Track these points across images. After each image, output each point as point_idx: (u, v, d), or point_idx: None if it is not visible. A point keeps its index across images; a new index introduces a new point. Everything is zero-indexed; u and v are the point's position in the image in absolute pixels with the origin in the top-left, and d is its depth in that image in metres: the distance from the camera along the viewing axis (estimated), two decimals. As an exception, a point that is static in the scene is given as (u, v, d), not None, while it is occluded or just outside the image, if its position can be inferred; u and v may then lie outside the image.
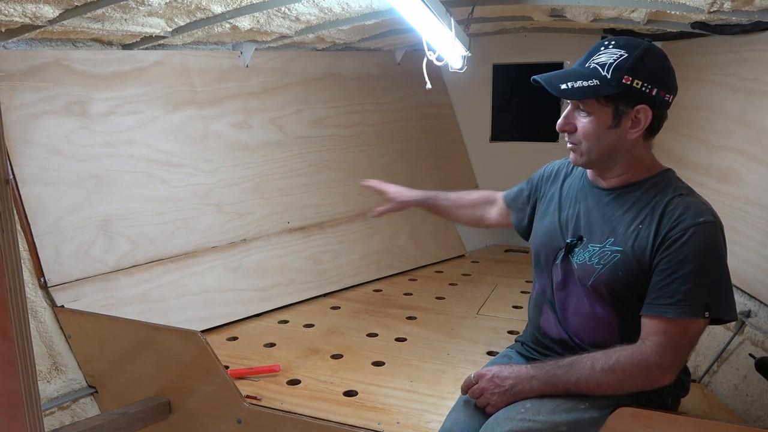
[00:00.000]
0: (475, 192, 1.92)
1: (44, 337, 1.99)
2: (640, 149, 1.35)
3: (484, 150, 3.79)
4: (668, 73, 1.32)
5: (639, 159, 1.36)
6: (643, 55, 1.27)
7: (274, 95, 2.89)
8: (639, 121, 1.29)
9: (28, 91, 2.07)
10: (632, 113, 1.29)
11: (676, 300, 1.24)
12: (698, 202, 1.30)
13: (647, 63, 1.28)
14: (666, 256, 1.26)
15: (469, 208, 1.88)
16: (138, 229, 2.31)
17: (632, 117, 1.29)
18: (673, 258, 1.25)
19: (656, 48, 1.32)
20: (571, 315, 1.43)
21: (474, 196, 1.89)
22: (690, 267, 1.24)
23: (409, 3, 1.70)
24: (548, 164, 1.65)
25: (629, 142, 1.32)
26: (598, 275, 1.34)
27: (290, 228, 2.86)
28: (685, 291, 1.24)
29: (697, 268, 1.23)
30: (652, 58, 1.29)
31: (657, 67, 1.29)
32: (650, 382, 1.27)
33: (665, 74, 1.31)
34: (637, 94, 1.27)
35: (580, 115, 1.33)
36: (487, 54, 3.56)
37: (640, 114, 1.29)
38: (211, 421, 1.81)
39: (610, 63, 1.27)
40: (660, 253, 1.27)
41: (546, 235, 1.49)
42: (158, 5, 1.87)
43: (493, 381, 1.34)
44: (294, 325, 2.53)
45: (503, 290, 2.94)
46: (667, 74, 1.31)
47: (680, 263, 1.24)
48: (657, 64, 1.30)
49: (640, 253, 1.30)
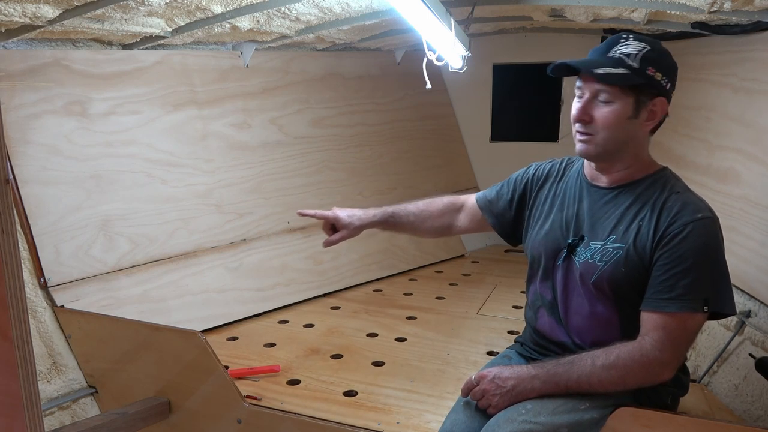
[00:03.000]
0: (437, 200, 1.78)
1: (44, 337, 1.99)
2: (645, 145, 1.38)
3: (484, 150, 3.79)
4: (677, 71, 1.36)
5: (642, 155, 1.39)
6: (663, 50, 1.32)
7: (274, 95, 2.89)
8: (655, 113, 1.33)
9: (28, 91, 2.07)
10: (650, 105, 1.31)
11: (676, 294, 1.25)
12: (695, 199, 1.32)
13: (667, 58, 1.32)
14: (665, 252, 1.28)
15: (435, 219, 1.76)
16: (138, 229, 2.31)
17: (649, 109, 1.32)
18: (673, 253, 1.27)
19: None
20: (572, 315, 1.43)
21: (438, 205, 1.77)
22: (689, 262, 1.25)
23: (409, 3, 1.70)
24: (534, 165, 1.63)
25: (642, 135, 1.35)
26: (600, 272, 1.35)
27: (290, 228, 2.86)
28: (685, 285, 1.25)
29: (696, 263, 1.25)
30: (668, 54, 1.33)
31: (672, 63, 1.34)
32: (651, 378, 1.28)
33: (675, 71, 1.35)
34: (657, 86, 1.30)
35: (600, 105, 1.32)
36: (487, 54, 3.56)
37: (657, 106, 1.32)
38: (211, 421, 1.81)
39: (635, 54, 1.29)
40: (659, 249, 1.29)
41: (546, 237, 1.48)
42: (158, 5, 1.87)
43: (494, 382, 1.34)
44: (294, 325, 2.53)
45: (503, 290, 2.94)
46: (676, 71, 1.35)
47: (679, 258, 1.26)
48: (671, 60, 1.34)
49: (642, 249, 1.31)
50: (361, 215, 1.74)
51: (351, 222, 1.73)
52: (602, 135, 1.33)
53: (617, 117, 1.31)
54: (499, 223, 1.66)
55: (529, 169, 1.63)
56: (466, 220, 1.75)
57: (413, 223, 1.76)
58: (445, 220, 1.77)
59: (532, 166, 1.63)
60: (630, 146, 1.35)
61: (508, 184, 1.66)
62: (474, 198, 1.74)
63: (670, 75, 1.32)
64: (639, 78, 1.28)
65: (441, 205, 1.77)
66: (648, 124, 1.34)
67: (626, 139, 1.33)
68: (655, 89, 1.30)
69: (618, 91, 1.30)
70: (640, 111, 1.31)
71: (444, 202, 1.78)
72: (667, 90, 1.32)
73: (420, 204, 1.78)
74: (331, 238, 1.74)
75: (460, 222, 1.76)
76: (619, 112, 1.31)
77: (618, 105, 1.30)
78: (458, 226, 1.76)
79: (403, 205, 1.78)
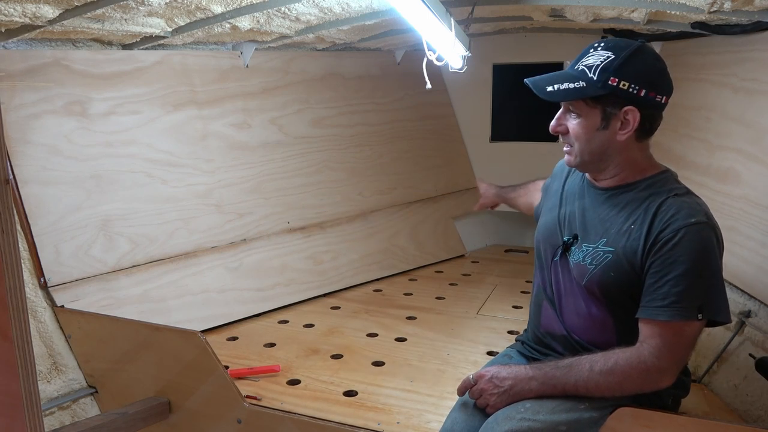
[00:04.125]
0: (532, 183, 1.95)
1: (44, 337, 1.99)
2: (633, 151, 1.35)
3: (484, 150, 3.79)
4: (660, 74, 1.30)
5: (632, 160, 1.36)
6: (630, 57, 1.27)
7: (274, 95, 2.89)
8: (628, 122, 1.29)
9: (28, 91, 2.07)
10: (621, 114, 1.29)
11: (669, 302, 1.24)
12: (693, 203, 1.29)
13: (635, 64, 1.27)
14: (657, 258, 1.26)
15: (527, 196, 1.94)
16: (138, 229, 2.31)
17: (621, 118, 1.29)
18: (665, 260, 1.25)
19: (648, 48, 1.31)
20: (568, 313, 1.44)
21: (530, 186, 1.95)
22: (681, 269, 1.23)
23: (409, 3, 1.70)
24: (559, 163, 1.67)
25: (620, 143, 1.32)
26: (590, 275, 1.35)
27: (290, 228, 2.86)
28: (677, 293, 1.23)
29: (688, 269, 1.23)
30: (641, 59, 1.28)
31: (646, 68, 1.29)
32: (649, 385, 1.27)
33: (656, 75, 1.29)
34: (624, 95, 1.27)
35: (571, 117, 1.35)
36: (487, 54, 3.56)
37: (629, 115, 1.29)
38: (211, 421, 1.81)
39: (596, 65, 1.28)
40: (652, 255, 1.27)
41: (546, 230, 1.50)
42: (158, 5, 1.87)
43: (492, 382, 1.34)
44: (294, 325, 2.53)
45: (503, 290, 2.94)
46: (658, 75, 1.30)
47: (671, 265, 1.24)
48: (646, 65, 1.29)
49: (631, 254, 1.29)
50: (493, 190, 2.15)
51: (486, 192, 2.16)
52: (577, 146, 1.35)
53: (585, 129, 1.32)
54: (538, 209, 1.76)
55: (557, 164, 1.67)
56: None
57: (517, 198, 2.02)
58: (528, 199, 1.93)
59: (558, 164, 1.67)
60: (611, 155, 1.34)
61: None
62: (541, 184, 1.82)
63: (642, 81, 1.26)
64: (598, 90, 1.27)
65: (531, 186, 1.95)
66: (622, 133, 1.30)
67: (601, 149, 1.33)
68: (621, 98, 1.27)
69: (582, 104, 1.31)
70: (610, 121, 1.30)
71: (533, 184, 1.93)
72: (640, 97, 1.26)
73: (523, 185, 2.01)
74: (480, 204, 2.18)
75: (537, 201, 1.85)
76: (585, 125, 1.32)
77: (585, 118, 1.31)
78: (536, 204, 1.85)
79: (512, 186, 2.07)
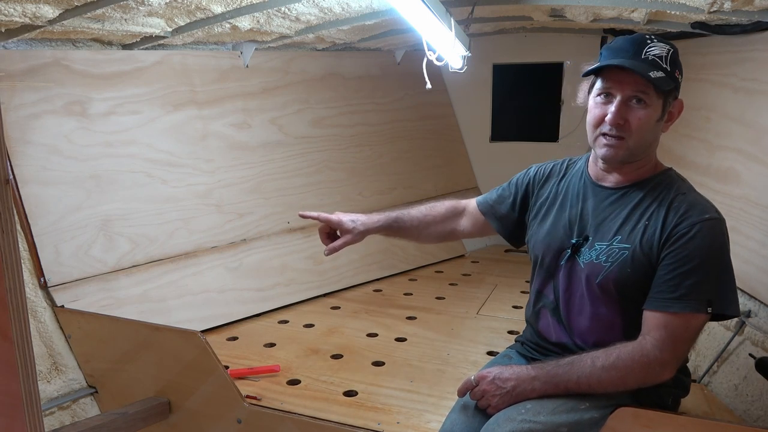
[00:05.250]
0: (439, 204, 1.75)
1: (44, 337, 1.99)
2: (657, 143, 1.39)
3: (484, 150, 3.79)
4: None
5: (654, 156, 1.40)
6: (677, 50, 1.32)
7: (274, 95, 2.89)
8: (673, 114, 1.34)
9: (28, 91, 2.07)
10: (670, 107, 1.33)
11: (680, 294, 1.25)
12: (702, 200, 1.32)
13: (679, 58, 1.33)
14: (671, 252, 1.27)
15: (438, 224, 1.73)
16: (138, 229, 2.31)
17: (669, 111, 1.33)
18: (679, 253, 1.26)
19: None
20: (575, 316, 1.43)
21: (440, 210, 1.73)
22: (695, 262, 1.25)
23: (409, 3, 1.70)
24: (534, 166, 1.62)
25: (658, 135, 1.36)
26: (606, 273, 1.34)
27: (290, 228, 2.86)
28: (689, 286, 1.25)
29: (701, 263, 1.25)
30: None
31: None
32: (651, 378, 1.28)
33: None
34: (678, 88, 1.32)
35: (635, 108, 1.29)
36: (487, 54, 3.56)
37: (675, 108, 1.34)
38: (211, 421, 1.81)
39: (665, 55, 1.29)
40: (666, 249, 1.28)
41: (548, 237, 1.47)
42: (158, 5, 1.87)
43: (494, 383, 1.33)
44: (294, 325, 2.53)
45: (503, 290, 2.94)
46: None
47: (685, 258, 1.25)
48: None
49: (649, 249, 1.30)
50: (365, 220, 1.65)
51: (355, 227, 1.63)
52: (635, 138, 1.30)
53: (650, 120, 1.30)
54: (503, 226, 1.65)
55: (530, 170, 1.62)
56: (469, 225, 1.73)
57: (417, 228, 1.72)
58: (447, 226, 1.74)
59: (532, 168, 1.62)
60: (652, 147, 1.37)
61: (510, 187, 1.64)
62: (475, 202, 1.72)
63: (682, 76, 1.33)
64: (672, 81, 1.29)
65: (443, 210, 1.74)
66: (668, 125, 1.35)
67: (652, 141, 1.35)
68: (676, 91, 1.32)
69: (654, 94, 1.28)
70: (665, 113, 1.32)
71: (446, 207, 1.74)
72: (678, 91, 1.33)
73: (422, 209, 1.73)
74: (334, 244, 1.63)
75: (462, 227, 1.74)
76: (651, 116, 1.30)
77: (652, 108, 1.30)
78: (460, 231, 1.74)
79: (405, 210, 1.72)
